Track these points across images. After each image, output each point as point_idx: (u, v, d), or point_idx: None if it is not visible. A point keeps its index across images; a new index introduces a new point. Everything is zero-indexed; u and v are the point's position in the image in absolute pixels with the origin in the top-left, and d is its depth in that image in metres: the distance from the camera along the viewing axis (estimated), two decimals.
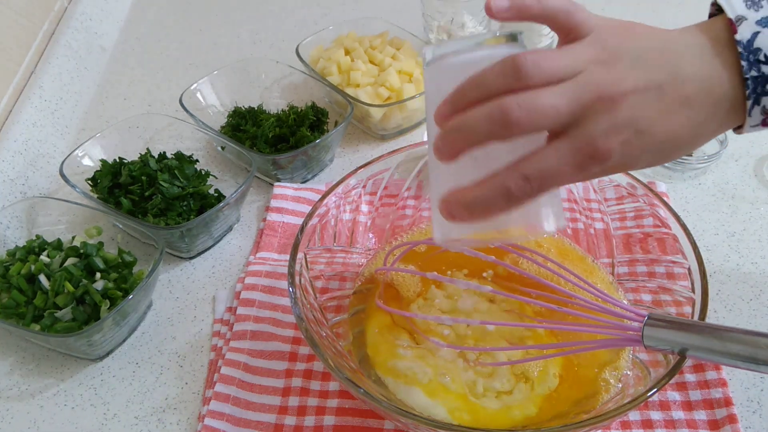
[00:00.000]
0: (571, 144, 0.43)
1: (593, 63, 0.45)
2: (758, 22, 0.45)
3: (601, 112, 0.43)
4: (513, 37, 0.47)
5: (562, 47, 0.47)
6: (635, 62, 0.45)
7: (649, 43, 0.46)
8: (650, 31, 0.47)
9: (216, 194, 0.78)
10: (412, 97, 0.84)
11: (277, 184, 0.81)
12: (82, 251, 0.70)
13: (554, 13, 0.47)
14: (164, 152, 0.79)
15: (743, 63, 0.45)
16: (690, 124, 0.45)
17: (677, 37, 0.47)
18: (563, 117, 0.43)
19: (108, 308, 0.66)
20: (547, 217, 0.47)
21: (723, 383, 0.61)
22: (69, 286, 0.66)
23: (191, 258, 0.76)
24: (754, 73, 0.45)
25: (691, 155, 0.82)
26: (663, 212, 0.62)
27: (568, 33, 0.47)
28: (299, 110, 0.85)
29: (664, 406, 0.60)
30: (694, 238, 0.59)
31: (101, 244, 0.72)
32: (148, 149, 0.79)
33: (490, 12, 0.46)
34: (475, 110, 0.44)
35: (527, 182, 0.43)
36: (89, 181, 0.77)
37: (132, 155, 0.80)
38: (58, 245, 0.72)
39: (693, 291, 0.57)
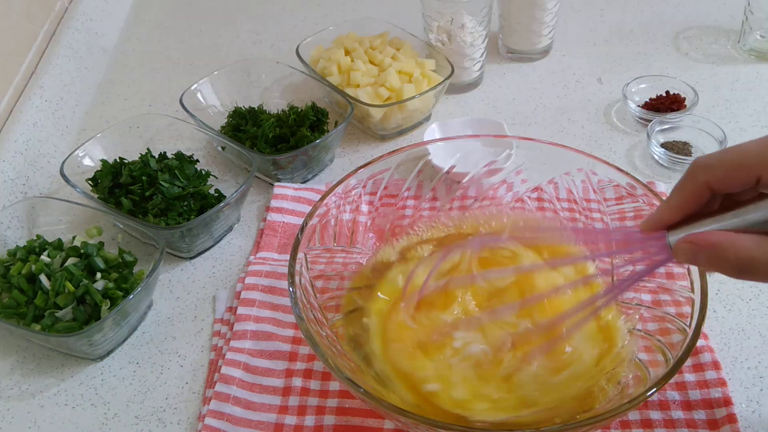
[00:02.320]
0: None
1: None
2: None
3: None
4: None
5: None
6: None
7: None
8: None
9: (216, 194, 0.78)
10: (412, 97, 0.84)
11: (277, 184, 0.81)
12: (82, 251, 0.70)
13: None
14: (164, 152, 0.80)
15: None
16: None
17: None
18: None
19: (108, 308, 0.66)
20: None
21: (722, 383, 0.61)
22: (69, 286, 0.66)
23: (191, 258, 0.76)
24: None
25: (691, 155, 0.82)
26: None
27: None
28: (299, 110, 0.85)
29: (663, 405, 0.60)
30: None
31: (101, 244, 0.72)
32: (148, 149, 0.79)
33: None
34: None
35: None
36: (90, 181, 0.77)
37: (132, 155, 0.80)
38: (58, 245, 0.72)
39: (692, 291, 0.57)
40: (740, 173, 0.44)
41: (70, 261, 0.69)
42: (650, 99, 0.91)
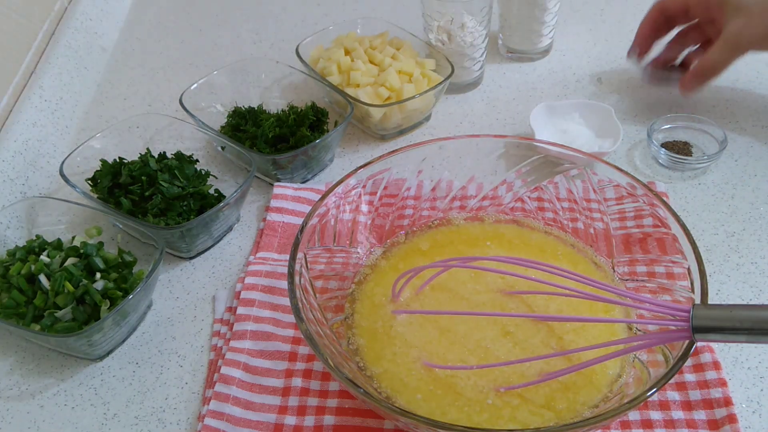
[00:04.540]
0: None
1: None
2: None
3: None
4: None
5: None
6: None
7: None
8: None
9: (216, 194, 0.78)
10: (412, 97, 0.84)
11: (277, 184, 0.81)
12: (82, 251, 0.70)
13: None
14: (164, 152, 0.80)
15: None
16: None
17: None
18: None
19: (108, 308, 0.66)
20: None
21: (723, 383, 0.61)
22: (69, 286, 0.66)
23: (191, 258, 0.76)
24: None
25: (691, 155, 0.82)
26: (663, 212, 0.62)
27: None
28: (299, 110, 0.85)
29: (663, 405, 0.60)
30: (694, 238, 0.59)
31: (101, 244, 0.72)
32: (148, 149, 0.79)
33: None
34: None
35: None
36: (89, 181, 0.77)
37: (132, 155, 0.80)
38: (58, 245, 0.72)
39: (692, 291, 0.57)
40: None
41: (70, 261, 0.69)
42: None
